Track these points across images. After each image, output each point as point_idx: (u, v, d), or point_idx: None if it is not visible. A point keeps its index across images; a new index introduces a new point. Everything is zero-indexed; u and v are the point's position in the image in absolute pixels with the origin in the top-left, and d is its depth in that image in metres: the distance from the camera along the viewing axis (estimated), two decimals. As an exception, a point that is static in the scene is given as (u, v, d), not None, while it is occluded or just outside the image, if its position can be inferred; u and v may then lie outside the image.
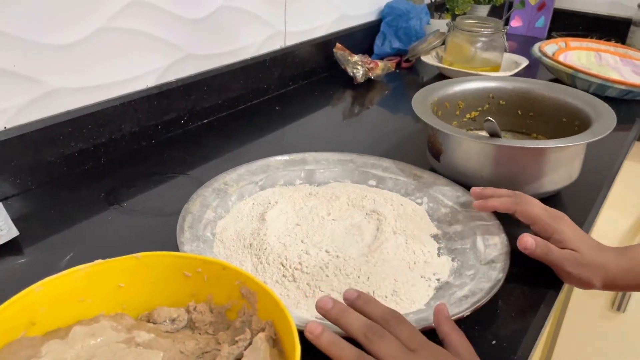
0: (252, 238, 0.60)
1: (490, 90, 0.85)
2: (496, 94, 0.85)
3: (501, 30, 1.16)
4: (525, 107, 0.84)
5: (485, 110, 0.86)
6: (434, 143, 0.73)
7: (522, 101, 0.84)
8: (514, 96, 0.85)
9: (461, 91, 0.84)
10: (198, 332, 0.43)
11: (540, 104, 0.83)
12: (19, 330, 0.39)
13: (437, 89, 0.81)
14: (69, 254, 0.59)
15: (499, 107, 0.85)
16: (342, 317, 0.42)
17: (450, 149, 0.71)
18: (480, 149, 0.68)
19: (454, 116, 0.85)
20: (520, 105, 0.84)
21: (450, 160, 0.71)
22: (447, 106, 0.82)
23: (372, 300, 0.45)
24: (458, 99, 0.84)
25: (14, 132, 0.67)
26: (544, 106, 0.82)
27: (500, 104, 0.85)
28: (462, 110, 0.85)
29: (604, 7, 1.67)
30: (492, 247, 0.57)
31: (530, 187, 0.68)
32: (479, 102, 0.86)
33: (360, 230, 0.62)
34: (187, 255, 0.44)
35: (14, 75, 0.66)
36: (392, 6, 1.33)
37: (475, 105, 0.86)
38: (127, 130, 0.81)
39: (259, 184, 0.69)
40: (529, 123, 0.84)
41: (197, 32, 0.89)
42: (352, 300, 0.45)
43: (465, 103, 0.85)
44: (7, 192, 0.68)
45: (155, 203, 0.70)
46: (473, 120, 0.86)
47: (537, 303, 0.54)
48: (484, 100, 0.85)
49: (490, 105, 0.85)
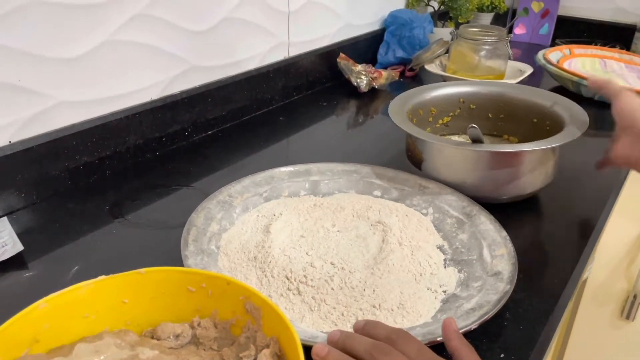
0: (257, 251, 0.59)
1: (460, 95, 0.86)
2: (466, 98, 0.86)
3: (505, 38, 1.16)
4: (495, 110, 0.85)
5: (456, 115, 0.86)
6: (414, 151, 0.74)
7: (492, 104, 0.85)
8: (484, 100, 0.85)
9: (433, 98, 0.84)
10: (202, 348, 0.43)
11: (510, 106, 0.84)
12: (22, 347, 0.38)
13: (410, 97, 0.82)
14: (74, 268, 0.59)
15: (469, 112, 0.86)
16: (348, 341, 0.42)
17: (432, 156, 0.71)
18: (463, 155, 0.69)
19: (427, 122, 0.85)
20: (491, 108, 0.85)
21: (433, 168, 0.72)
22: (421, 113, 0.83)
23: (378, 324, 0.45)
24: (430, 105, 0.84)
25: (18, 146, 0.67)
26: (514, 108, 0.83)
27: (471, 108, 0.86)
28: (434, 117, 0.86)
29: (608, 14, 1.67)
30: (498, 258, 0.57)
31: (513, 189, 0.69)
32: (450, 108, 0.86)
33: (365, 241, 0.62)
34: (191, 271, 0.44)
35: (19, 89, 0.66)
36: (395, 15, 1.33)
37: (447, 111, 0.86)
38: (131, 143, 0.81)
39: (264, 196, 0.69)
40: (500, 125, 0.85)
41: (201, 44, 0.89)
42: (360, 328, 0.45)
43: (437, 109, 0.85)
44: (12, 206, 0.68)
45: (159, 216, 0.69)
46: (446, 126, 0.87)
47: (545, 314, 0.54)
48: (455, 105, 0.86)
49: (462, 109, 0.86)
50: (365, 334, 0.43)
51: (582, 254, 0.63)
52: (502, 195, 0.70)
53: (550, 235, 0.67)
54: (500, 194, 0.70)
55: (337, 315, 0.51)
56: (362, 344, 0.42)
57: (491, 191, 0.69)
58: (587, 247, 0.65)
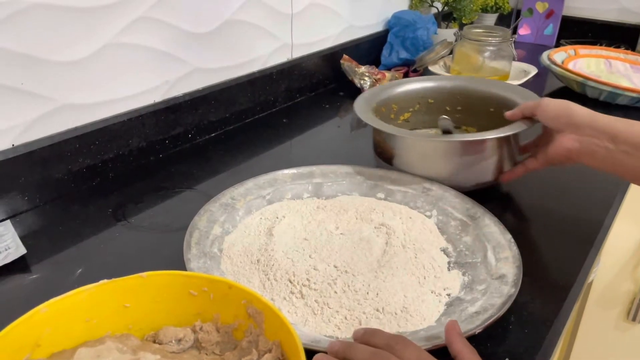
0: (260, 254, 0.59)
1: (419, 90, 0.88)
2: (425, 93, 0.88)
3: (509, 39, 1.15)
4: (452, 102, 0.88)
5: (416, 110, 0.89)
6: (385, 147, 0.75)
7: (449, 98, 0.88)
8: (441, 94, 0.88)
9: (394, 95, 0.87)
10: (204, 353, 0.43)
11: (466, 98, 0.86)
12: (24, 352, 0.38)
13: (372, 95, 0.84)
14: (77, 271, 0.59)
15: (428, 106, 0.89)
16: (347, 351, 0.43)
17: (403, 151, 0.73)
18: (435, 147, 0.71)
19: (390, 119, 0.87)
20: (448, 101, 0.88)
21: (405, 162, 0.73)
22: (384, 110, 0.84)
23: (377, 331, 0.45)
24: (392, 102, 0.86)
25: (21, 149, 0.67)
26: (470, 99, 0.86)
27: (429, 102, 0.88)
28: (396, 113, 0.88)
29: (613, 14, 1.66)
30: (503, 261, 0.56)
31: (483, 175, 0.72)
32: (410, 104, 0.89)
33: (369, 244, 0.61)
34: (192, 274, 0.44)
35: (21, 92, 0.66)
36: (398, 16, 1.33)
37: (407, 107, 0.89)
38: (134, 146, 0.81)
39: (267, 198, 0.69)
40: (458, 117, 0.87)
41: (203, 47, 0.89)
42: (359, 336, 0.45)
43: (398, 106, 0.87)
44: (15, 209, 0.68)
45: (162, 218, 0.69)
46: (407, 122, 0.89)
47: (550, 318, 0.53)
48: (415, 100, 0.88)
49: (421, 105, 0.89)
50: (364, 342, 0.44)
51: (587, 256, 0.63)
52: (471, 182, 0.72)
53: (555, 237, 0.67)
54: (470, 181, 0.72)
55: (340, 318, 0.51)
56: (361, 352, 0.42)
57: (462, 180, 0.71)
58: (593, 249, 0.64)
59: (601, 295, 1.23)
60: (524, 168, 0.71)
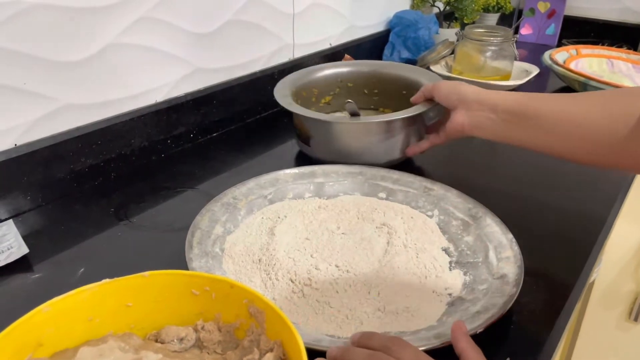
0: (261, 253, 0.59)
1: (338, 75, 0.94)
2: (344, 78, 0.94)
3: (511, 38, 1.15)
4: (369, 86, 0.94)
5: (336, 94, 0.94)
6: (303, 130, 0.80)
7: (366, 81, 0.94)
8: (359, 78, 0.94)
9: (314, 79, 0.92)
10: (206, 352, 0.43)
11: (382, 82, 0.93)
12: (26, 351, 0.38)
13: (293, 80, 0.88)
14: (80, 270, 0.59)
15: (348, 90, 0.94)
16: (344, 354, 0.43)
17: (318, 133, 0.79)
18: (343, 128, 0.77)
19: (312, 102, 0.92)
20: (366, 85, 0.94)
21: (321, 143, 0.79)
22: (304, 94, 0.89)
23: (374, 334, 0.45)
24: (312, 86, 0.91)
25: (24, 149, 0.68)
26: (385, 83, 0.93)
27: (349, 86, 0.94)
28: (317, 97, 0.93)
29: (615, 14, 1.65)
30: (504, 261, 0.56)
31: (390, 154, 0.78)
32: (330, 88, 0.94)
33: (370, 244, 0.61)
34: (194, 274, 0.44)
35: (24, 92, 0.67)
36: (400, 16, 1.33)
37: (328, 91, 0.94)
38: (136, 145, 0.81)
39: (268, 198, 0.69)
40: (375, 100, 0.95)
41: (205, 47, 0.89)
42: (356, 340, 0.45)
43: (318, 90, 0.92)
44: (18, 209, 0.69)
45: (164, 218, 0.69)
46: (328, 104, 0.95)
47: (551, 317, 0.53)
48: (335, 85, 0.94)
49: (340, 89, 0.94)
50: (362, 346, 0.44)
51: (589, 256, 0.62)
52: (381, 160, 0.78)
53: (557, 237, 0.67)
54: (380, 159, 0.78)
55: (341, 318, 0.51)
56: (358, 355, 0.42)
57: (373, 158, 0.77)
58: (595, 249, 0.64)
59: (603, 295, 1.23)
60: (428, 142, 0.78)
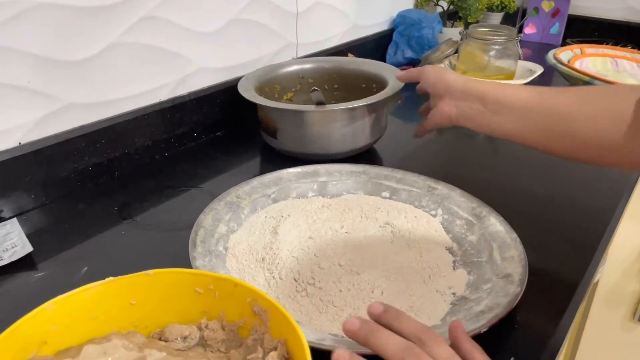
0: (265, 252, 0.59)
1: (299, 71, 0.97)
2: (305, 74, 0.97)
3: (515, 37, 1.15)
4: (330, 81, 0.98)
5: (298, 90, 0.97)
6: (268, 123, 0.82)
7: (326, 77, 0.98)
8: (320, 74, 0.97)
9: (276, 75, 0.94)
10: (210, 350, 0.43)
11: (342, 77, 0.97)
12: (30, 349, 0.39)
13: (255, 77, 0.90)
14: (83, 269, 0.59)
15: (309, 86, 0.96)
16: (372, 337, 0.38)
17: (284, 124, 0.80)
18: (311, 118, 0.78)
19: (274, 98, 0.94)
20: (326, 80, 0.98)
21: (287, 133, 0.81)
22: (267, 90, 0.92)
23: (401, 314, 0.40)
24: (275, 83, 0.94)
25: (28, 147, 0.68)
26: (344, 78, 0.96)
27: (310, 82, 0.96)
28: (279, 93, 0.95)
29: (619, 13, 1.65)
30: (508, 260, 0.56)
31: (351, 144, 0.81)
32: (292, 84, 0.97)
33: (373, 243, 0.61)
34: (198, 272, 0.44)
35: (28, 91, 0.67)
36: (404, 15, 1.32)
37: (290, 87, 0.97)
38: (140, 144, 0.81)
39: (272, 197, 0.69)
40: (336, 95, 0.97)
41: (209, 46, 0.89)
42: (378, 315, 0.40)
43: (280, 86, 0.95)
44: (21, 208, 0.69)
45: (168, 217, 0.69)
46: (290, 101, 0.97)
47: (556, 317, 0.53)
48: (296, 81, 0.97)
49: (302, 85, 0.97)
50: (386, 325, 0.39)
51: (593, 256, 0.62)
52: (347, 148, 0.81)
53: (561, 237, 0.67)
54: (345, 147, 0.81)
55: (345, 317, 0.51)
56: (390, 343, 0.37)
57: (340, 146, 0.80)
58: (599, 249, 0.64)
59: (607, 295, 1.23)
60: (422, 129, 0.77)
